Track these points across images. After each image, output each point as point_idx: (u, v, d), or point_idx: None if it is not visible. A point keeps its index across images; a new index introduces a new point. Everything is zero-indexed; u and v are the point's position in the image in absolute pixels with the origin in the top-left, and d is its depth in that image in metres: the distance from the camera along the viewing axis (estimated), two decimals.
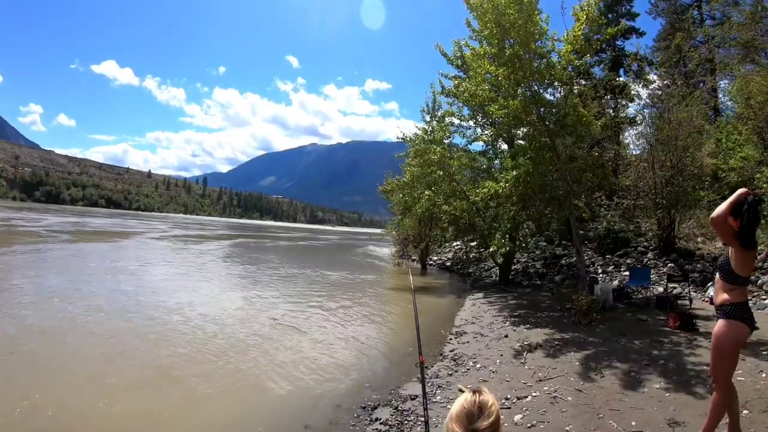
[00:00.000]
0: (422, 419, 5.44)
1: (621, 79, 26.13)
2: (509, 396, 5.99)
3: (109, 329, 9.20)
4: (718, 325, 4.03)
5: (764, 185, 11.42)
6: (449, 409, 5.18)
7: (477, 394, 1.76)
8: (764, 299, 10.96)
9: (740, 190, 3.87)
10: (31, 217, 56.58)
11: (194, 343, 8.70)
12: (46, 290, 12.60)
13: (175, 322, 10.21)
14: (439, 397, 6.13)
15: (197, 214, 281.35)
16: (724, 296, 4.00)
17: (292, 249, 45.76)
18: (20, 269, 16.05)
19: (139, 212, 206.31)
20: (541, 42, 12.65)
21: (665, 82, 23.57)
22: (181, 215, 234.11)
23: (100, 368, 7.03)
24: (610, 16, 25.53)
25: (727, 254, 4.02)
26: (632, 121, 22.20)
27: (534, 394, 6.01)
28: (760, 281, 11.66)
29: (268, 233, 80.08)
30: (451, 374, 7.17)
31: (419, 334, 2.67)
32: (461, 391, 6.19)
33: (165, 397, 6.18)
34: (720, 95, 24.35)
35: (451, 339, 9.75)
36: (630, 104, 25.17)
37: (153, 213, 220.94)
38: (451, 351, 8.66)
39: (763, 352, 7.25)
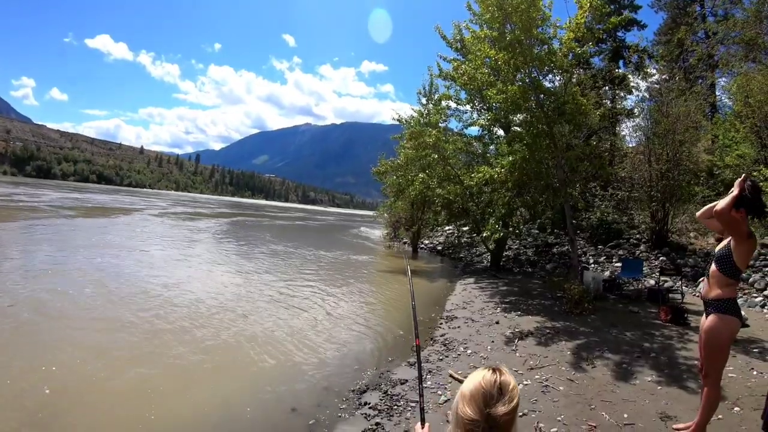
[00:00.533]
0: (412, 404, 5.37)
1: (620, 70, 26.05)
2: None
3: (108, 304, 9.18)
4: (712, 321, 3.97)
5: (761, 184, 11.36)
6: (439, 394, 5.09)
7: (497, 373, 1.52)
8: (755, 297, 10.97)
9: (739, 180, 3.88)
10: (32, 192, 56.19)
11: (189, 320, 8.66)
12: (49, 264, 12.58)
13: (172, 298, 10.19)
14: (429, 383, 6.04)
15: (189, 191, 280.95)
16: (719, 291, 3.95)
17: (289, 228, 46.14)
18: (25, 243, 16.13)
19: (135, 189, 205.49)
20: (543, 28, 12.50)
21: (664, 76, 23.48)
22: (177, 193, 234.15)
23: (98, 343, 7.01)
24: (612, 7, 25.32)
25: (727, 247, 3.97)
26: (630, 113, 22.12)
27: (525, 382, 5.94)
28: (751, 279, 11.67)
29: (266, 212, 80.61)
30: (441, 359, 7.09)
31: (416, 317, 2.52)
32: (451, 376, 6.13)
33: (156, 374, 6.11)
34: (718, 92, 24.31)
35: (441, 323, 9.70)
36: (628, 96, 25.11)
37: (145, 189, 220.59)
38: (441, 335, 8.60)
39: (754, 350, 7.26)
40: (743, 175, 3.98)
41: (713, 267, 4.05)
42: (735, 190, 3.84)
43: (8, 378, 5.59)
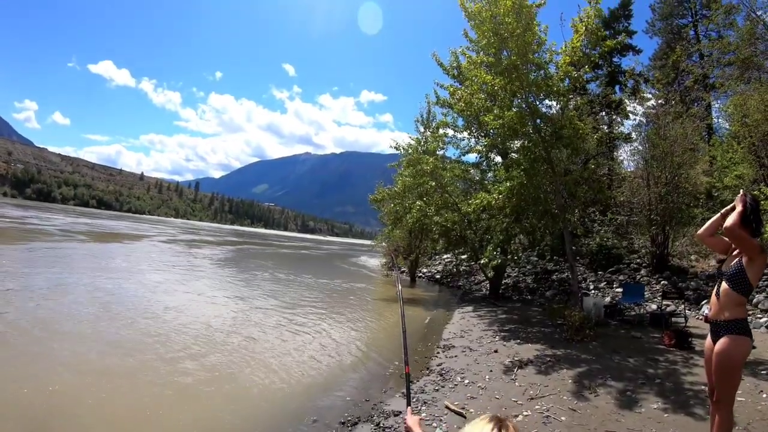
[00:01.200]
0: None
1: (617, 95, 26.15)
2: (499, 415, 5.66)
3: (111, 326, 9.25)
4: (725, 343, 3.75)
5: (762, 202, 11.24)
6: (434, 426, 4.81)
7: (500, 427, 1.26)
8: (760, 318, 10.77)
9: (740, 195, 3.80)
10: (42, 216, 57.46)
11: (185, 345, 8.55)
12: (59, 285, 12.93)
13: (171, 322, 10.25)
14: (423, 414, 5.76)
15: (188, 219, 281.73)
16: (730, 312, 3.77)
17: (294, 257, 46.75)
18: (37, 265, 16.31)
19: (139, 215, 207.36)
20: (538, 53, 12.48)
21: (660, 101, 23.57)
22: (183, 220, 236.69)
23: (98, 364, 7.02)
24: (607, 33, 25.53)
25: (739, 263, 3.79)
26: (627, 138, 22.11)
27: (525, 413, 5.69)
28: (755, 300, 11.45)
29: (272, 241, 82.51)
30: (437, 389, 6.80)
31: (406, 343, 2.29)
32: (448, 408, 5.86)
33: (147, 397, 6.00)
34: (714, 113, 24.36)
35: (438, 352, 9.41)
36: (625, 121, 25.16)
37: (152, 216, 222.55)
38: (438, 365, 8.32)
39: (762, 372, 7.05)
40: (741, 191, 3.91)
41: (725, 286, 3.85)
42: (738, 207, 3.74)
43: (8, 394, 5.59)
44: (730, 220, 3.70)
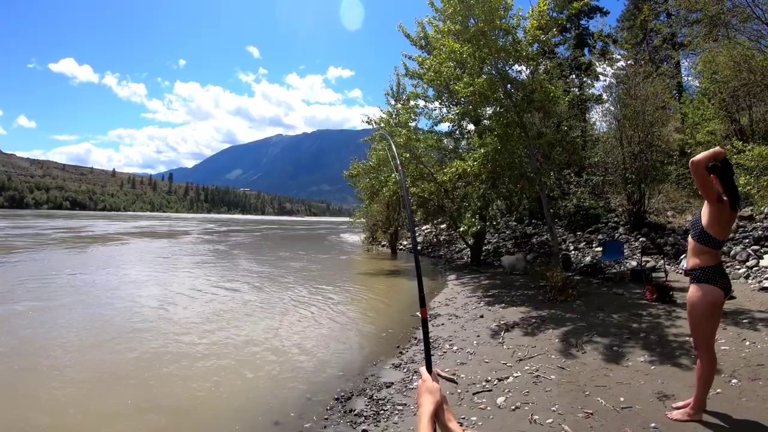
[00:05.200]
0: (399, 407, 5.14)
1: (586, 58, 26.19)
2: (490, 378, 5.68)
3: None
4: (690, 291, 3.94)
5: (733, 157, 11.34)
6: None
7: None
8: (738, 269, 10.92)
9: (718, 149, 3.76)
10: (90, 224, 61.11)
11: (167, 328, 8.52)
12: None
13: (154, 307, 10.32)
14: (416, 383, 5.77)
15: (164, 211, 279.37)
16: (695, 260, 3.92)
17: (296, 237, 51.32)
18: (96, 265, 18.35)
19: (119, 213, 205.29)
20: (506, 19, 12.38)
21: (629, 61, 23.65)
22: (204, 215, 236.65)
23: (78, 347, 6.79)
24: None
25: (697, 214, 3.96)
26: (598, 99, 22.19)
27: (515, 374, 5.72)
28: (732, 252, 11.62)
29: (289, 226, 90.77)
30: None
31: (422, 286, 2.10)
32: (439, 375, 5.85)
33: (136, 389, 5.84)
34: (684, 72, 24.54)
35: None
36: (595, 82, 25.25)
37: (126, 213, 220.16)
38: None
39: (744, 321, 7.17)
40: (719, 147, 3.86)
41: (689, 237, 4.03)
42: (714, 151, 3.73)
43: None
44: (699, 156, 3.70)
